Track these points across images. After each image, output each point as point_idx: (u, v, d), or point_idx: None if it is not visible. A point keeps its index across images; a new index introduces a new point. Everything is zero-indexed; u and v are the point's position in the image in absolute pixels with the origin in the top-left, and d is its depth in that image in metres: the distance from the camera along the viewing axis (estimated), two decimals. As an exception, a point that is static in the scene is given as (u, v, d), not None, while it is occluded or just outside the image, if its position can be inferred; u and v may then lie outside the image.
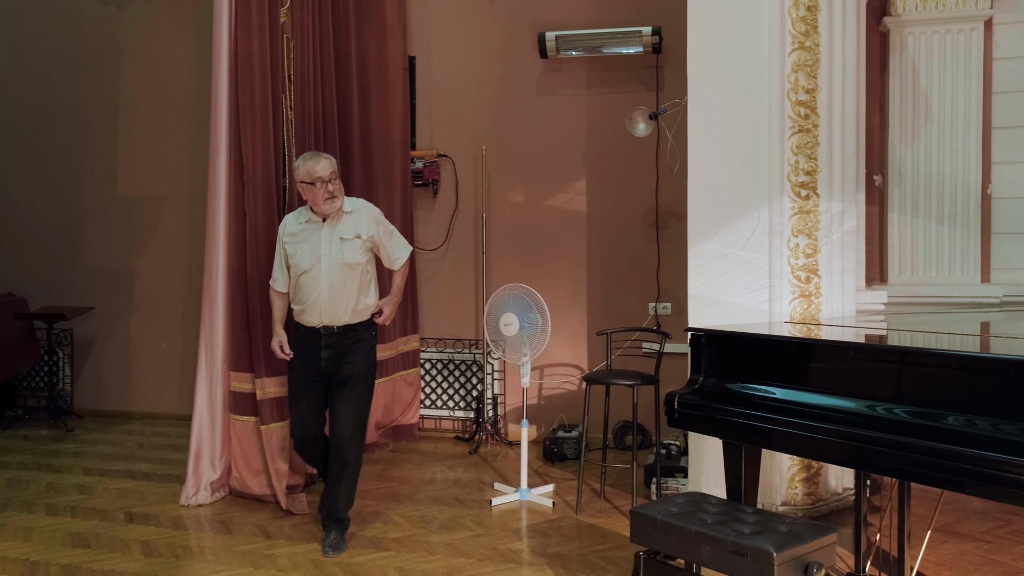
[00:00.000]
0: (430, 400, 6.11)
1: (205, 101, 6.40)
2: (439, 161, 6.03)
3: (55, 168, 6.95)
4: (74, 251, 6.93)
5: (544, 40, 5.61)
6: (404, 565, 3.63)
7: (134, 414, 6.78)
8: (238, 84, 4.35)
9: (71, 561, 3.69)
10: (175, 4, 6.57)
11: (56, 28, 6.89)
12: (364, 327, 3.91)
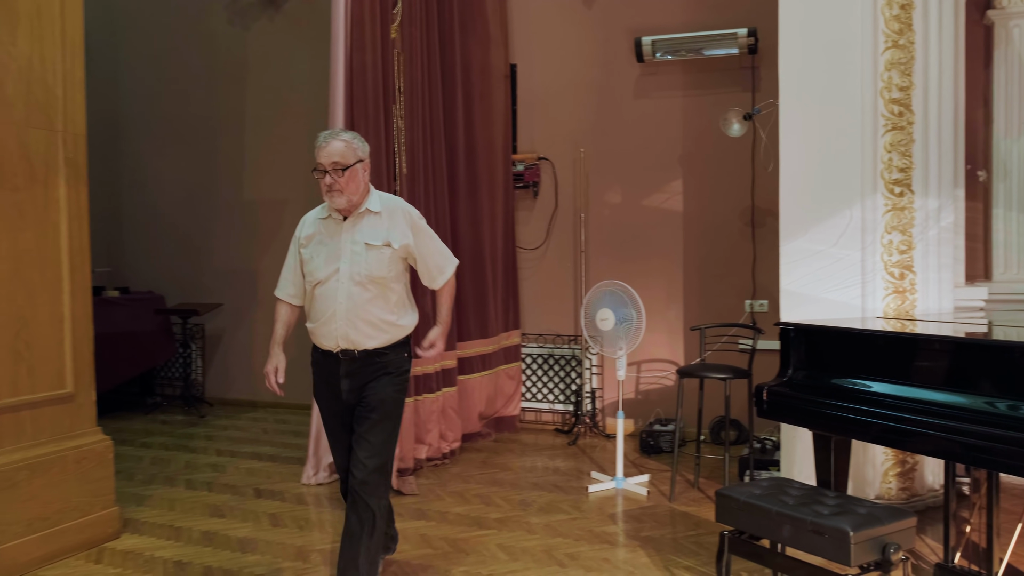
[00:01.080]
0: (531, 393, 6.37)
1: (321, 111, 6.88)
2: (539, 164, 6.29)
3: (188, 176, 7.57)
4: (205, 252, 7.53)
5: (640, 45, 5.78)
6: (505, 542, 3.89)
7: (258, 403, 7.31)
8: (353, 96, 4.72)
9: (209, 528, 4.12)
10: (294, 23, 7.07)
11: (191, 48, 7.50)
12: (394, 352, 3.09)
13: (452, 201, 5.61)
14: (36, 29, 3.58)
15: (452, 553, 3.76)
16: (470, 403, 5.75)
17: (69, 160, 3.74)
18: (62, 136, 3.71)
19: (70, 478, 3.73)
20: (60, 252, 3.73)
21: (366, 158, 3.06)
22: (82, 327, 3.84)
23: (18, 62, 3.50)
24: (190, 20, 7.48)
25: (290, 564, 3.65)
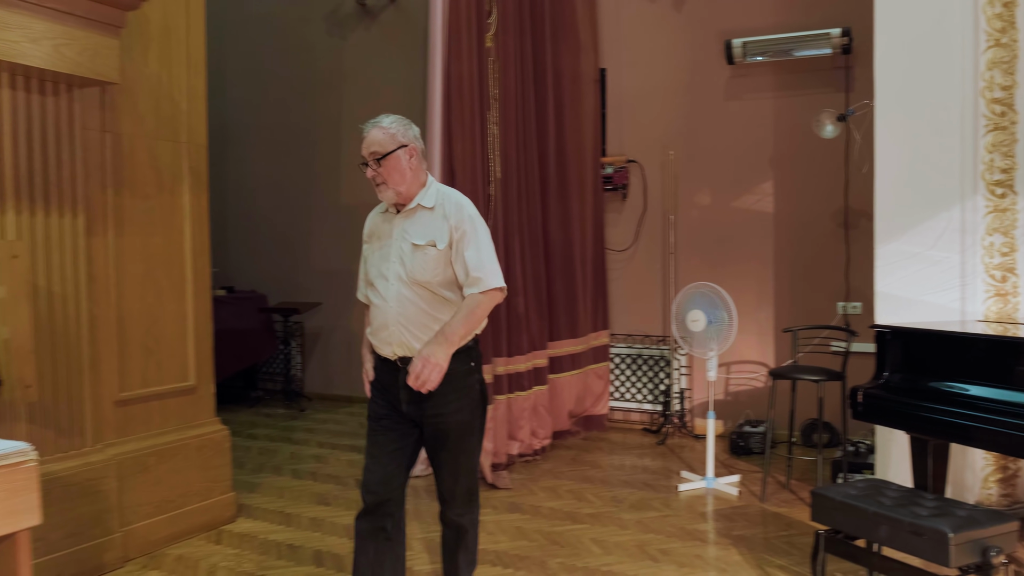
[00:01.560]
0: (619, 393, 6.45)
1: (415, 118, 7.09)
2: (628, 166, 6.37)
3: (289, 182, 7.93)
4: (305, 254, 7.87)
5: (731, 47, 5.80)
6: (598, 537, 4.00)
7: (355, 398, 7.60)
8: (450, 104, 4.90)
9: (317, 515, 4.36)
10: (389, 33, 7.32)
11: (291, 59, 7.85)
12: (457, 362, 2.65)
13: (543, 204, 5.75)
14: (164, 49, 3.87)
15: (547, 545, 3.89)
16: (560, 401, 5.88)
17: (192, 169, 4.02)
18: (186, 147, 3.99)
19: (192, 464, 4.02)
20: (184, 254, 4.01)
21: (411, 143, 2.71)
22: (203, 324, 4.12)
23: (149, 80, 3.80)
24: (290, 33, 7.83)
25: (394, 551, 3.84)
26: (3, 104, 3.13)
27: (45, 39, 3.00)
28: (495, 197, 5.06)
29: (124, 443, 3.71)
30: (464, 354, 2.70)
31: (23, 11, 2.92)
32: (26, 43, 2.95)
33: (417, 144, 2.75)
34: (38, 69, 3.08)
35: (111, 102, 3.59)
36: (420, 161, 2.76)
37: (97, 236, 3.56)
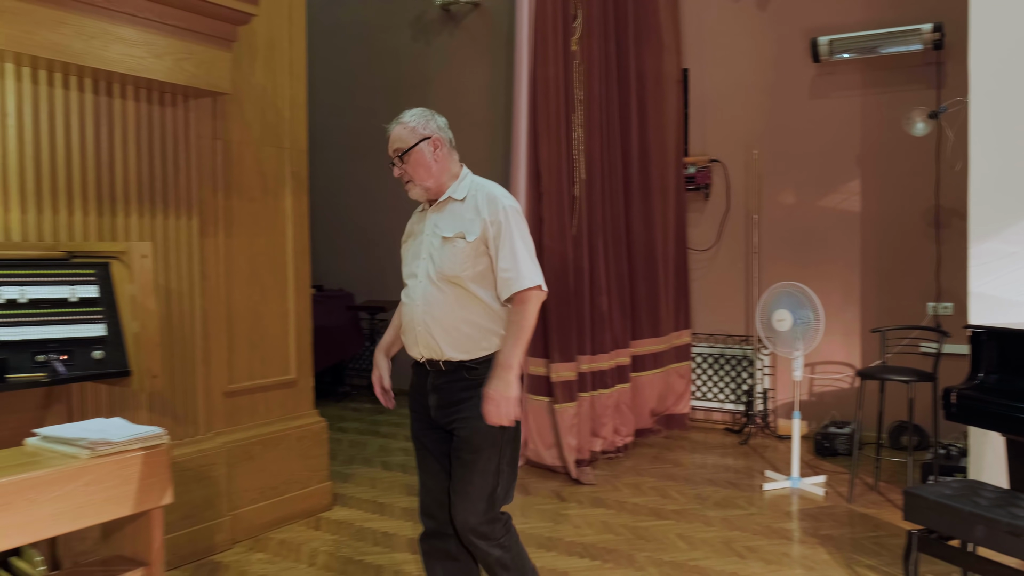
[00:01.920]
0: (700, 392, 6.46)
1: (498, 120, 7.26)
2: (711, 166, 6.37)
3: (374, 185, 8.17)
4: (389, 254, 8.04)
5: (817, 45, 5.76)
6: (684, 532, 4.05)
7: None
8: (536, 108, 5.01)
9: (409, 506, 4.53)
10: (473, 38, 7.49)
11: (376, 65, 8.09)
12: (487, 367, 2.52)
13: (626, 204, 5.82)
14: (269, 61, 4.09)
15: (633, 539, 3.97)
16: (642, 400, 5.93)
17: (294, 173, 4.24)
18: (288, 153, 4.21)
19: (293, 454, 4.23)
20: (286, 254, 4.23)
21: (434, 134, 2.58)
22: (303, 321, 4.33)
23: (255, 90, 4.02)
24: (376, 40, 8.07)
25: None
26: (128, 115, 3.38)
27: (167, 54, 3.23)
28: (579, 198, 5.15)
29: (232, 432, 3.93)
30: (491, 361, 2.52)
31: (149, 29, 3.15)
32: (151, 59, 3.18)
33: (442, 135, 2.61)
34: (159, 82, 3.31)
35: (222, 111, 3.82)
36: (449, 152, 2.62)
37: (209, 237, 3.79)
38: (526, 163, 5.08)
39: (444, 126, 2.65)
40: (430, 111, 2.66)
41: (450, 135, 2.66)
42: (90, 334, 2.87)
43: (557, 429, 5.03)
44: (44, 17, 2.83)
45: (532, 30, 5.03)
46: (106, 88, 3.29)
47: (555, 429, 5.07)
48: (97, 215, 3.27)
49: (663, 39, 6.10)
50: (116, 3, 3.02)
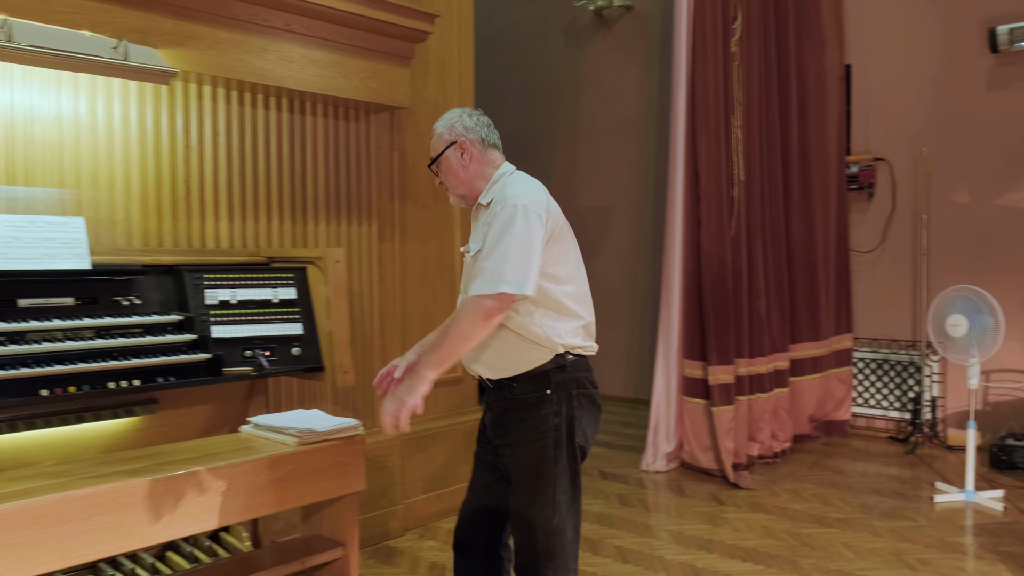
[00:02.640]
0: (862, 399, 6.25)
1: (650, 123, 7.28)
2: (875, 165, 6.15)
3: (526, 186, 8.36)
4: (541, 255, 8.26)
5: (996, 34, 5.46)
6: (850, 541, 3.97)
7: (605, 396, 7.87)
8: (695, 110, 5.02)
9: (566, 502, 4.66)
10: (625, 41, 7.54)
11: (529, 71, 8.28)
12: (528, 385, 2.29)
13: (786, 205, 5.72)
14: (440, 74, 4.32)
15: (797, 546, 3.92)
16: (800, 405, 5.81)
17: (462, 181, 4.44)
18: (457, 161, 4.42)
19: (458, 448, 4.44)
20: (454, 259, 4.45)
21: (460, 137, 2.38)
22: (469, 321, 4.53)
23: (428, 103, 4.25)
24: (529, 46, 8.26)
25: (643, 539, 4.04)
26: (318, 131, 3.67)
27: (354, 74, 3.49)
28: (738, 200, 5.12)
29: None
30: (537, 379, 2.27)
31: (338, 51, 3.42)
32: (340, 78, 3.44)
33: (471, 136, 2.39)
34: (344, 99, 3.57)
35: (398, 124, 4.07)
36: (481, 152, 2.39)
37: (386, 242, 4.05)
38: (684, 165, 5.10)
39: (475, 125, 2.41)
40: (463, 110, 2.46)
41: (482, 134, 2.41)
42: (289, 332, 3.15)
43: (714, 432, 5.02)
44: (252, 46, 3.13)
45: (690, 33, 5.04)
46: (300, 107, 3.59)
47: (712, 432, 5.06)
48: (291, 223, 3.58)
49: (825, 35, 5.95)
50: (312, 29, 3.30)
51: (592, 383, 2.36)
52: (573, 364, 2.30)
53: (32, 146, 2.86)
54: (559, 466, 2.27)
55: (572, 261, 2.37)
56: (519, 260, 2.15)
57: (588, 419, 2.34)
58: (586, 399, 2.33)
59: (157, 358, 2.74)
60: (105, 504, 2.15)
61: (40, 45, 2.55)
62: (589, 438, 2.35)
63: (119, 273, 2.86)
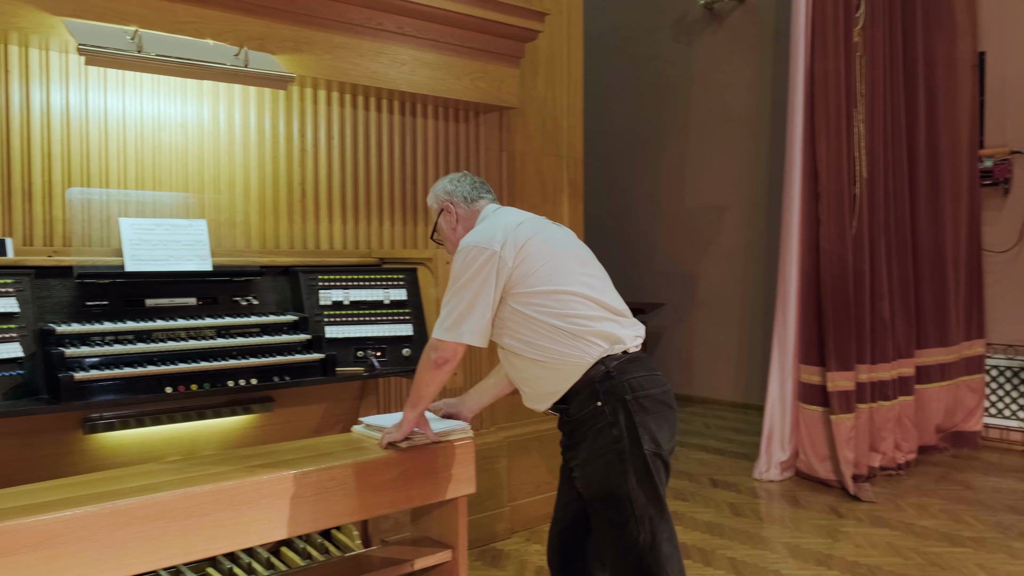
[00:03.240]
0: (996, 409, 5.85)
1: (763, 119, 7.04)
2: (1011, 159, 5.74)
3: (635, 186, 8.24)
4: (649, 255, 8.13)
5: None
6: (985, 563, 3.70)
7: (694, 398, 7.70)
8: (813, 103, 4.80)
9: (676, 509, 4.53)
10: (737, 35, 7.31)
11: (638, 67, 8.15)
12: (576, 403, 2.22)
13: (912, 203, 5.40)
14: (549, 73, 4.27)
15: (925, 565, 3.69)
16: (926, 414, 5.48)
17: (571, 181, 4.39)
18: (566, 161, 4.37)
19: (566, 451, 4.38)
20: (562, 259, 4.39)
21: (445, 203, 2.49)
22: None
23: (537, 102, 4.21)
24: (638, 42, 8.13)
25: (757, 552, 3.88)
26: (428, 132, 3.69)
27: (465, 75, 3.48)
28: (860, 197, 4.87)
29: (512, 427, 4.16)
30: (584, 394, 2.19)
31: (449, 52, 3.42)
32: (451, 80, 3.45)
33: (453, 198, 2.48)
34: (455, 100, 3.57)
35: (507, 124, 4.05)
36: (467, 210, 2.47)
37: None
38: (801, 162, 4.89)
39: (456, 188, 2.49)
40: (447, 178, 2.54)
41: (464, 193, 2.48)
42: (400, 333, 3.17)
43: (832, 441, 4.80)
44: (366, 49, 3.17)
45: (809, 23, 4.83)
46: (411, 109, 3.62)
47: (830, 441, 4.83)
48: (402, 224, 3.61)
49: (956, 21, 5.59)
50: (423, 31, 3.31)
51: (652, 382, 2.21)
52: (620, 368, 2.18)
53: (159, 152, 2.97)
54: (630, 480, 2.15)
55: (564, 268, 2.26)
56: (463, 309, 2.21)
57: (656, 422, 2.18)
58: (648, 400, 2.18)
59: (273, 358, 2.81)
60: (223, 501, 2.20)
61: (167, 54, 2.64)
62: (662, 441, 2.19)
63: (238, 274, 2.94)
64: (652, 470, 2.16)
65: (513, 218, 2.33)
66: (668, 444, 2.22)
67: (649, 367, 2.24)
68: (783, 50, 6.48)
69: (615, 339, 2.21)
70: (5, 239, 2.58)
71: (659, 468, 2.19)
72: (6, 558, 1.86)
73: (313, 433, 3.19)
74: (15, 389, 2.39)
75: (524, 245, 2.23)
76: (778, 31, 6.86)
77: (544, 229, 2.33)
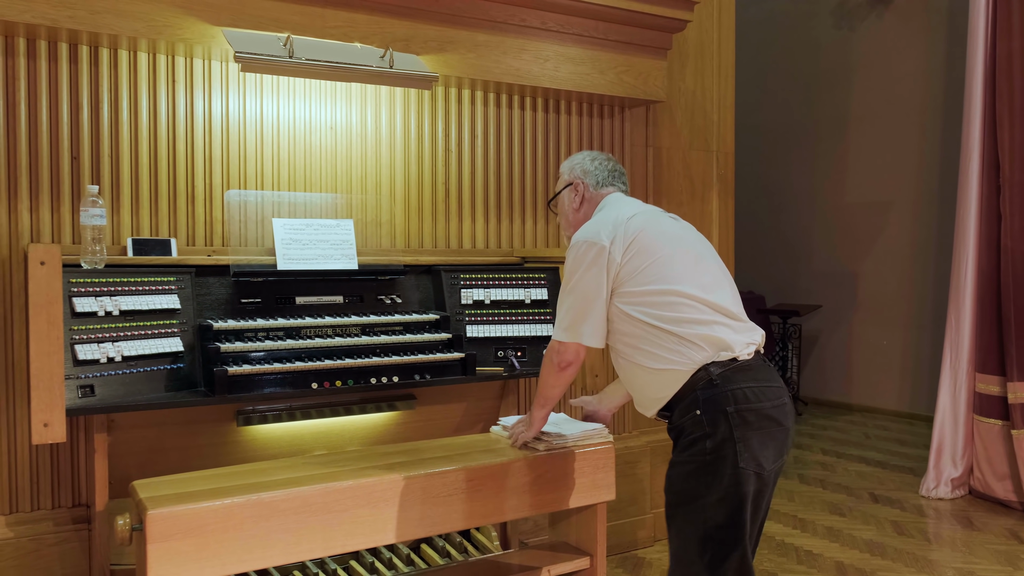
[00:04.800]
0: None
1: (934, 107, 6.53)
2: None
3: (788, 182, 7.85)
4: (804, 255, 7.73)
5: None
6: None
7: (853, 406, 7.25)
8: (995, 87, 4.38)
9: (832, 525, 4.26)
10: (905, 18, 6.80)
11: (795, 57, 7.76)
12: (678, 412, 2.12)
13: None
14: (699, 64, 4.11)
15: None
16: None
17: (720, 176, 4.21)
18: (715, 155, 4.19)
19: (712, 458, 4.20)
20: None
21: (574, 178, 2.41)
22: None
23: (685, 95, 4.06)
24: (795, 31, 7.74)
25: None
26: (572, 129, 3.63)
27: (610, 69, 3.40)
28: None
29: (655, 432, 4.02)
30: (685, 402, 2.07)
31: (594, 47, 3.35)
32: (595, 74, 3.37)
33: (587, 179, 2.39)
34: (599, 95, 3.49)
35: (653, 118, 3.92)
36: (592, 194, 2.38)
37: (639, 242, 3.92)
38: (980, 152, 4.49)
39: (595, 169, 2.40)
40: (589, 154, 2.44)
41: (600, 177, 2.38)
42: (541, 333, 3.13)
43: (1014, 458, 4.36)
44: (509, 46, 3.14)
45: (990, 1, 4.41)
46: (554, 105, 3.56)
47: (1011, 458, 4.40)
48: (545, 222, 3.56)
49: None
50: (567, 25, 3.25)
51: (761, 394, 2.04)
52: (725, 376, 2.03)
53: (310, 154, 3.06)
54: (712, 495, 2.00)
55: (674, 266, 2.11)
56: (583, 305, 2.14)
57: (760, 439, 2.01)
58: (752, 414, 2.01)
59: (415, 356, 2.83)
60: (362, 498, 2.22)
61: (316, 58, 2.71)
62: (764, 461, 2.02)
63: (383, 273, 2.99)
64: (744, 491, 2.00)
65: (627, 210, 2.22)
66: (772, 464, 2.05)
67: (760, 377, 2.08)
68: (957, 32, 5.99)
69: (723, 344, 2.06)
70: (170, 239, 2.73)
71: (753, 490, 2.02)
72: (160, 544, 1.95)
73: (453, 431, 3.20)
74: (176, 381, 2.52)
75: (635, 239, 2.12)
76: (953, 11, 6.33)
77: (658, 223, 2.21)
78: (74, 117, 2.67)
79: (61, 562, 2.62)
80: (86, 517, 2.66)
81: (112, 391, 2.38)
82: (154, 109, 2.79)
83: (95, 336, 2.38)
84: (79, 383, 2.33)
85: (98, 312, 2.41)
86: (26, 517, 2.61)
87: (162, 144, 2.81)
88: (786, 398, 2.12)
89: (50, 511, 2.65)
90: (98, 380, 2.36)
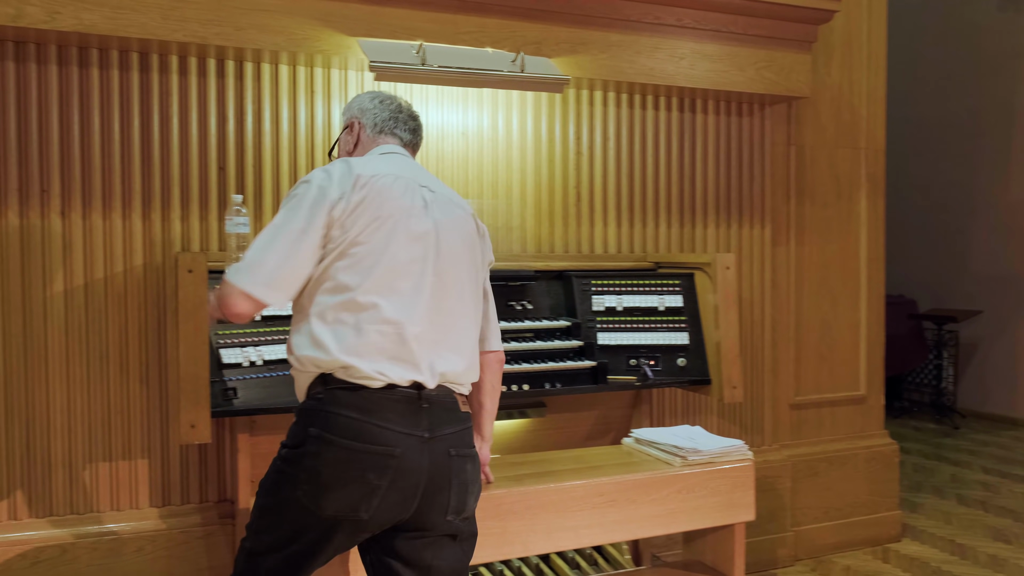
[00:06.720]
0: None
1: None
2: None
3: (943, 177, 7.32)
4: (962, 256, 7.19)
5: None
6: None
7: (1019, 420, 6.67)
8: None
9: (996, 553, 3.91)
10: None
11: (951, 44, 7.22)
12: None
13: None
14: (846, 57, 3.87)
15: None
16: None
17: (870, 175, 3.95)
18: (864, 153, 3.93)
19: (859, 475, 3.95)
20: (859, 261, 3.96)
21: (350, 119, 2.11)
22: (875, 333, 4.02)
23: (830, 90, 3.83)
24: (952, 15, 7.20)
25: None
26: (708, 129, 3.49)
27: (749, 65, 3.24)
28: None
29: (797, 446, 3.83)
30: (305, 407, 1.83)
31: (731, 42, 3.20)
32: (734, 71, 3.22)
33: (364, 119, 2.06)
34: (737, 93, 3.34)
35: (796, 115, 3.72)
36: (370, 138, 2.05)
37: (780, 245, 3.73)
38: None
39: (375, 108, 2.06)
40: (372, 93, 2.12)
41: (379, 119, 2.05)
42: (675, 342, 3.02)
43: None
44: (643, 46, 3.05)
45: None
46: (689, 104, 3.44)
47: None
48: (679, 226, 3.44)
49: None
50: (704, 22, 3.13)
51: (363, 434, 1.70)
52: (332, 396, 1.73)
53: (442, 160, 3.07)
54: (273, 494, 1.81)
55: (394, 247, 1.79)
56: (274, 242, 1.76)
57: (338, 478, 1.69)
58: (342, 450, 1.70)
59: (545, 364, 2.78)
60: (490, 510, 2.19)
61: (448, 65, 2.71)
62: (330, 505, 1.71)
63: (514, 279, 2.96)
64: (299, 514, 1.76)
65: (368, 165, 1.87)
66: (349, 513, 1.73)
67: (381, 410, 1.75)
68: None
69: (375, 359, 1.77)
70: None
71: (322, 530, 1.76)
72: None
73: (584, 440, 3.14)
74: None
75: (364, 199, 1.81)
76: None
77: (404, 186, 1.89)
78: (220, 129, 2.78)
79: (208, 554, 2.73)
80: (231, 512, 2.76)
81: (254, 394, 2.46)
82: (294, 119, 2.87)
83: (238, 341, 2.47)
84: (223, 387, 2.42)
85: (241, 317, 2.49)
86: (177, 510, 2.75)
87: (301, 153, 2.89)
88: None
89: (198, 505, 2.77)
90: (240, 383, 2.45)
